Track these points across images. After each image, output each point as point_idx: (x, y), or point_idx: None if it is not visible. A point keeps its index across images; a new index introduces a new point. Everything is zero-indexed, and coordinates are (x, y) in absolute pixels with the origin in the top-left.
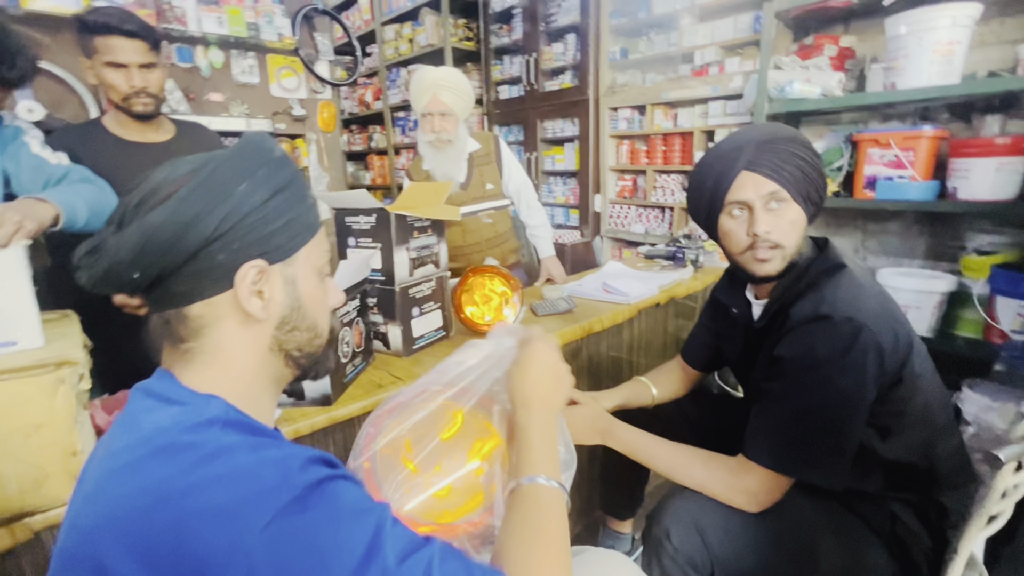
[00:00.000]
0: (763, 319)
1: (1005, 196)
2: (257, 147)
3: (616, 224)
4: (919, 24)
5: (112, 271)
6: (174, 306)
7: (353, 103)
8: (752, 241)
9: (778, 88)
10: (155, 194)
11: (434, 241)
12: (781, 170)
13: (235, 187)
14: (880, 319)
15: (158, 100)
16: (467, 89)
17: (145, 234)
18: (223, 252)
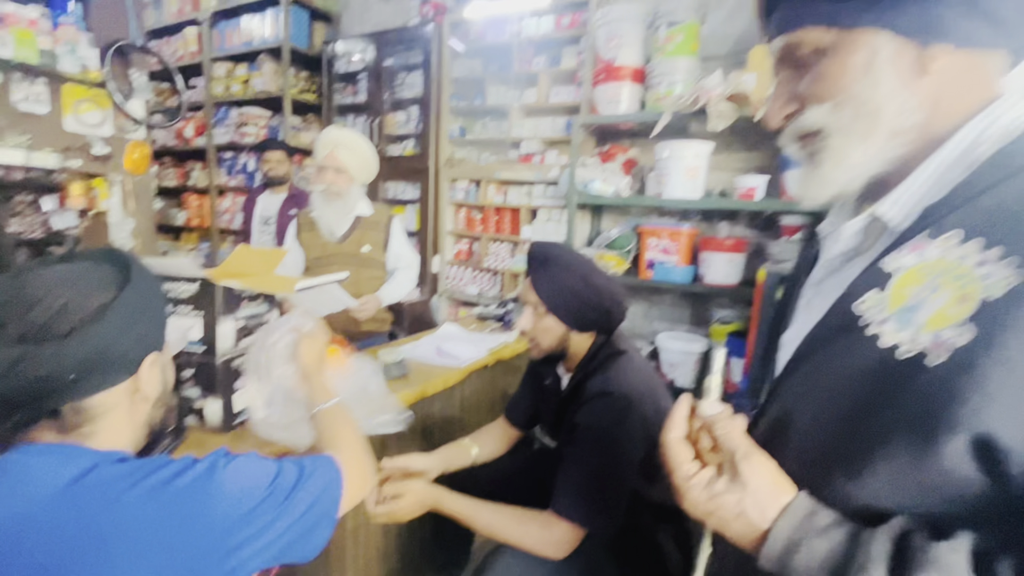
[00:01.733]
0: (567, 390)
1: (733, 281)
2: (147, 273)
3: (453, 285)
4: (675, 152)
5: (50, 382)
6: (77, 395)
7: (168, 135)
8: None
9: (584, 183)
10: (74, 311)
11: (265, 310)
12: (543, 288)
13: (149, 302)
14: (645, 395)
15: None
16: (367, 154)
17: (83, 351)
18: (135, 351)
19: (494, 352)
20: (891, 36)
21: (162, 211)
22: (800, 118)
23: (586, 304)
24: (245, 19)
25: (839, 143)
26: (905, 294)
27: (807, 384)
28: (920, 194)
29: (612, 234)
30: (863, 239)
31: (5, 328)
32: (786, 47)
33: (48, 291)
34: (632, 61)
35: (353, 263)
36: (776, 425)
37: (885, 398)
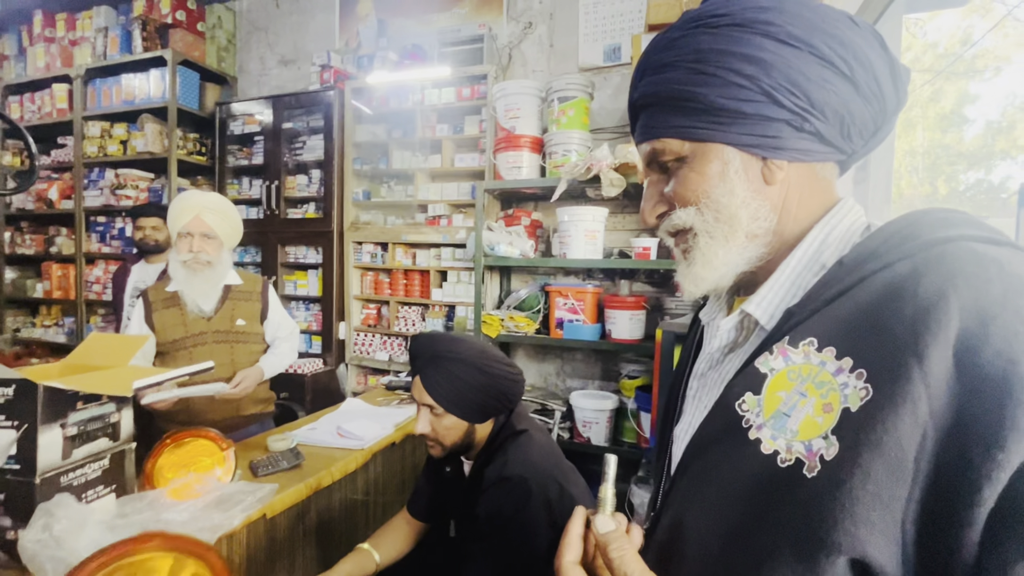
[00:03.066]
0: (469, 478)
1: (637, 337)
2: None
3: (361, 351)
4: (575, 216)
5: None
6: None
7: (27, 197)
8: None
9: (491, 246)
10: None
11: (111, 410)
12: (438, 387)
13: None
14: (547, 476)
15: None
16: (235, 217)
17: None
18: None
19: (400, 427)
20: (736, 151)
21: (15, 282)
22: (671, 217)
23: (485, 394)
24: (126, 77)
25: (705, 243)
26: (779, 398)
27: (697, 489)
28: (780, 295)
29: (521, 294)
30: (738, 333)
31: None
32: (651, 152)
33: None
34: (530, 131)
35: (227, 340)
36: (670, 537)
37: (772, 509)
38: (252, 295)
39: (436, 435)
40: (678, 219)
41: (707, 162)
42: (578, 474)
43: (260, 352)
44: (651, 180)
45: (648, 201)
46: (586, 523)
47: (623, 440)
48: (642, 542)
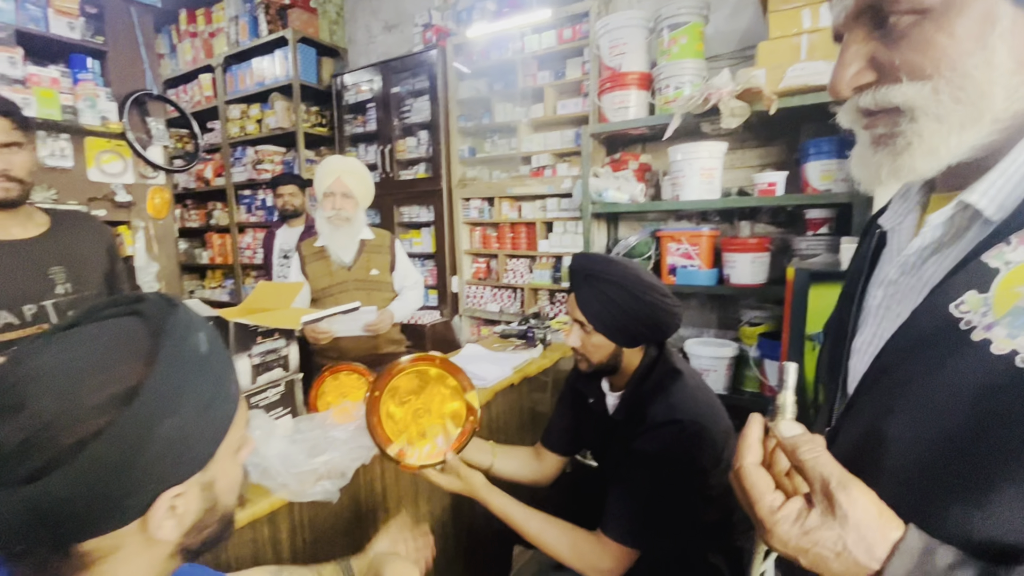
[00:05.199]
0: (620, 412)
1: (760, 281)
2: (188, 356)
3: (473, 303)
4: (689, 154)
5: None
6: (58, 549)
7: (189, 177)
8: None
9: (598, 193)
10: (48, 440)
11: (282, 344)
12: (590, 305)
13: (156, 428)
14: (711, 417)
15: (23, 185)
16: (368, 178)
17: (43, 509)
18: (135, 497)
19: (519, 369)
20: (1009, 4)
21: (187, 252)
22: (881, 91)
23: (636, 320)
24: (256, 61)
25: (930, 129)
26: (1016, 293)
27: (898, 398)
28: (1013, 183)
29: (631, 241)
30: (945, 231)
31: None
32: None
33: (47, 385)
34: (637, 67)
35: (364, 287)
36: (861, 446)
37: (1011, 413)
38: (383, 248)
39: (584, 351)
40: (895, 95)
41: (964, 19)
42: (727, 415)
43: (391, 299)
44: (853, 37)
45: (847, 67)
46: (764, 430)
47: (743, 389)
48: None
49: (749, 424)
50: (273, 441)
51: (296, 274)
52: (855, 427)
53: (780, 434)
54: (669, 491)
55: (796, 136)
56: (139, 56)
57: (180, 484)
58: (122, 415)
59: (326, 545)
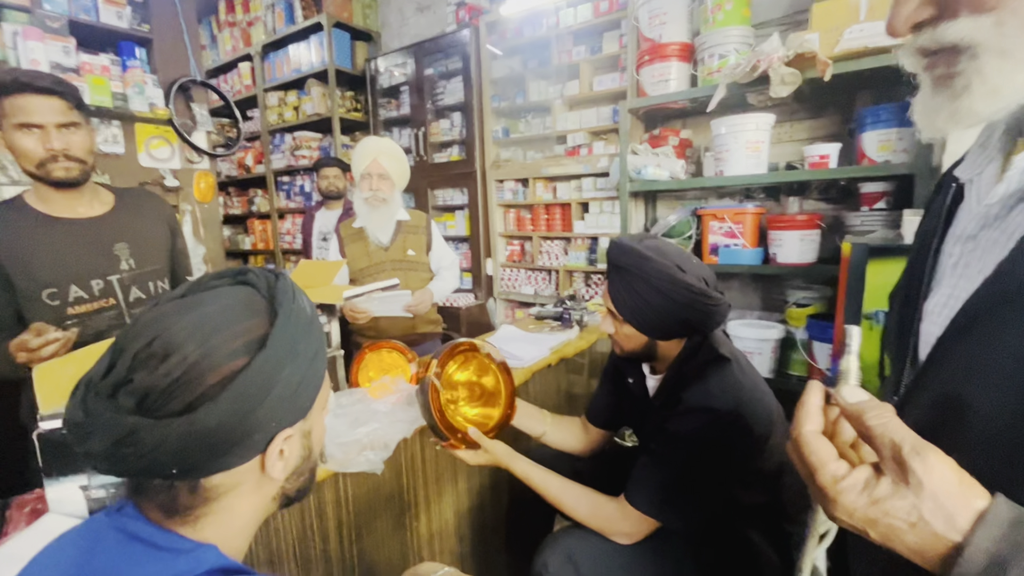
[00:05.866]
0: (659, 397)
1: (809, 260)
2: (299, 314)
3: (507, 286)
4: (734, 127)
5: (151, 469)
6: (189, 479)
7: (231, 166)
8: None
9: (636, 171)
10: (195, 379)
11: (324, 321)
12: (619, 298)
13: (281, 372)
14: (754, 408)
15: (84, 165)
16: (404, 160)
17: (194, 436)
18: (261, 432)
19: (556, 351)
20: None
21: (230, 238)
22: (936, 29)
23: (667, 316)
24: (292, 48)
25: (991, 67)
26: None
27: (979, 361)
28: None
29: (670, 220)
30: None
31: (128, 383)
32: None
33: (187, 336)
34: (679, 37)
35: (401, 268)
36: (936, 415)
37: None
38: (419, 229)
39: (617, 338)
40: (952, 32)
41: None
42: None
43: (428, 279)
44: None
45: (905, 2)
46: (825, 398)
47: (789, 373)
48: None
49: (808, 391)
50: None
51: (335, 255)
52: (927, 395)
53: (844, 400)
54: (695, 474)
55: (850, 105)
56: (183, 43)
57: (290, 427)
58: (256, 358)
59: (369, 518)
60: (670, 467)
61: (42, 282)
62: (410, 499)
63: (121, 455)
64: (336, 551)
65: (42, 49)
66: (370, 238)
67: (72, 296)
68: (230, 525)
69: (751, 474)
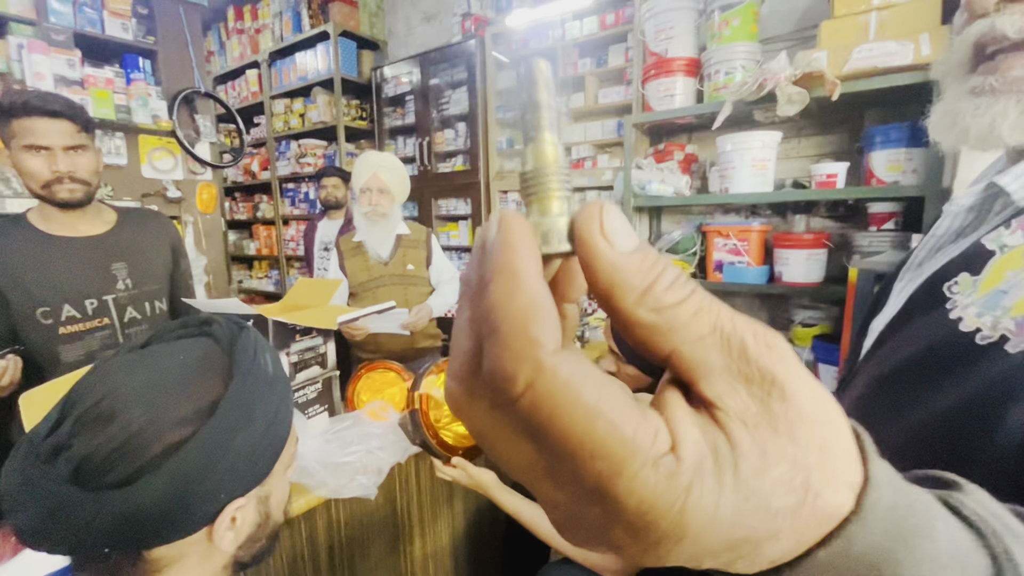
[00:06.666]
0: None
1: (815, 279)
2: (257, 375)
3: None
4: (739, 144)
5: (81, 547)
6: (130, 552)
7: (237, 171)
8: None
9: (640, 186)
10: (136, 449)
11: (319, 343)
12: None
13: (231, 441)
14: None
15: (88, 187)
16: (404, 174)
17: (130, 513)
18: (208, 505)
19: None
20: None
21: (235, 243)
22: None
23: None
24: (299, 56)
25: None
26: (1002, 276)
27: (883, 367)
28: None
29: (674, 236)
30: (976, 215)
31: (67, 448)
32: None
33: (134, 399)
34: (685, 52)
35: (400, 283)
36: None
37: (963, 386)
38: (419, 243)
39: (620, 378)
40: None
41: None
42: None
43: (427, 293)
44: None
45: None
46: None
47: None
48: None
49: (506, 234)
50: (307, 439)
51: (335, 269)
52: (845, 401)
53: (596, 249)
54: None
55: (858, 124)
56: (187, 55)
57: (243, 496)
58: (205, 425)
59: (362, 543)
60: None
61: (36, 300)
62: (404, 521)
63: (50, 531)
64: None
65: (47, 62)
66: (370, 252)
67: (64, 315)
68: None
69: None
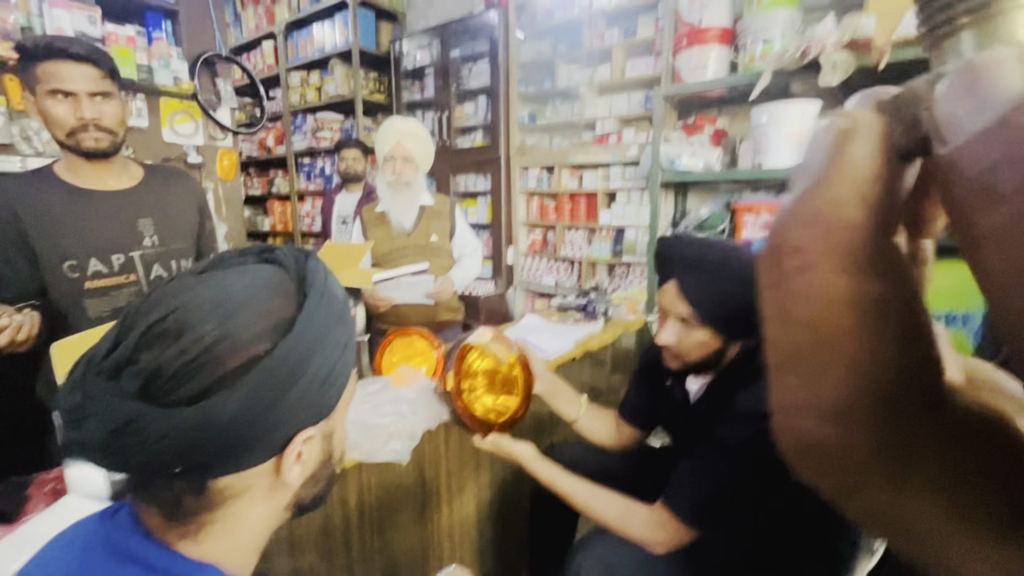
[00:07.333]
0: (704, 402)
1: None
2: (330, 299)
3: (528, 276)
4: (776, 115)
5: (153, 464)
6: (195, 481)
7: (252, 146)
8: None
9: (669, 160)
10: (211, 363)
11: (351, 304)
12: (701, 297)
13: (309, 362)
14: None
15: (115, 136)
16: (429, 142)
17: (205, 429)
18: (281, 430)
19: (581, 343)
20: None
21: (249, 218)
22: None
23: (751, 311)
24: (316, 27)
25: None
26: None
27: None
28: None
29: (702, 213)
30: None
31: (134, 364)
32: None
33: (206, 314)
34: (719, 21)
35: (423, 254)
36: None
37: None
38: (443, 214)
39: (680, 349)
40: None
41: None
42: None
43: (450, 266)
44: None
45: None
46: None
47: None
48: None
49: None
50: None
51: (356, 238)
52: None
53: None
54: (744, 484)
55: None
56: (208, 16)
57: (312, 426)
58: (282, 343)
59: (392, 507)
60: (717, 475)
61: (64, 254)
62: (432, 490)
63: (119, 446)
64: (358, 542)
65: (68, 17)
66: (393, 223)
67: (91, 270)
68: (237, 537)
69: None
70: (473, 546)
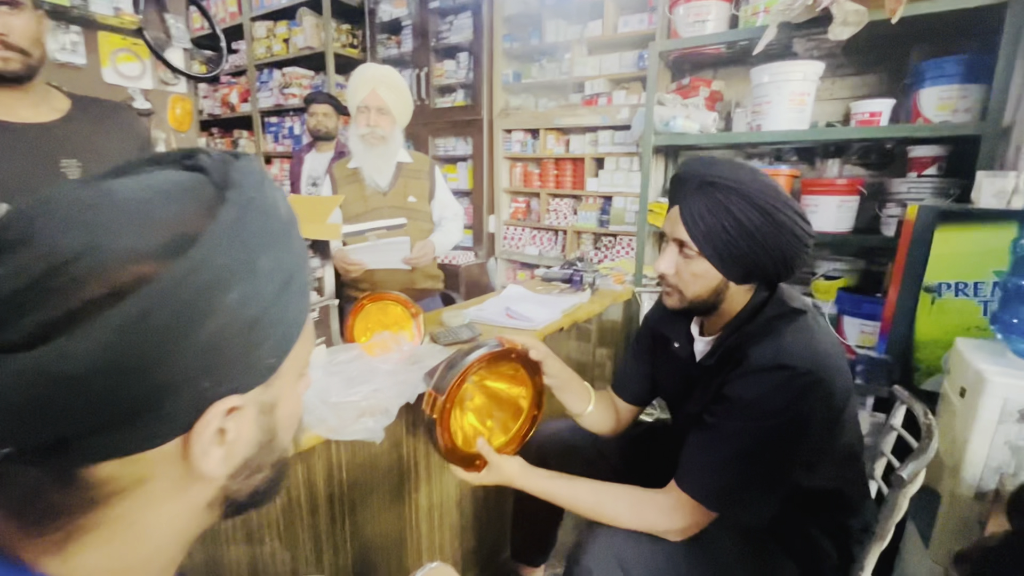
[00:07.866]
0: (711, 358)
1: (844, 228)
2: (264, 213)
3: (510, 245)
4: (779, 75)
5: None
6: (57, 468)
7: (214, 103)
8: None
9: (663, 122)
10: (63, 288)
11: (316, 264)
12: (701, 219)
13: (223, 297)
14: (833, 370)
15: (27, 57)
16: (406, 91)
17: (57, 384)
18: (180, 395)
19: (568, 313)
20: None
21: None
22: None
23: (760, 246)
24: None
25: None
26: None
27: None
28: None
29: None
30: None
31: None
32: None
33: (66, 220)
34: None
35: (400, 215)
36: None
37: None
38: (421, 173)
39: (677, 280)
40: None
41: None
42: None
43: (429, 230)
44: None
45: None
46: None
47: None
48: None
49: None
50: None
51: None
52: None
53: None
54: (763, 449)
55: (903, 60)
56: None
57: (238, 394)
58: (177, 262)
59: (364, 488)
60: (731, 442)
61: None
62: (409, 467)
63: None
64: (326, 525)
65: None
66: (366, 180)
67: None
68: (132, 549)
69: (820, 454)
70: (454, 527)
